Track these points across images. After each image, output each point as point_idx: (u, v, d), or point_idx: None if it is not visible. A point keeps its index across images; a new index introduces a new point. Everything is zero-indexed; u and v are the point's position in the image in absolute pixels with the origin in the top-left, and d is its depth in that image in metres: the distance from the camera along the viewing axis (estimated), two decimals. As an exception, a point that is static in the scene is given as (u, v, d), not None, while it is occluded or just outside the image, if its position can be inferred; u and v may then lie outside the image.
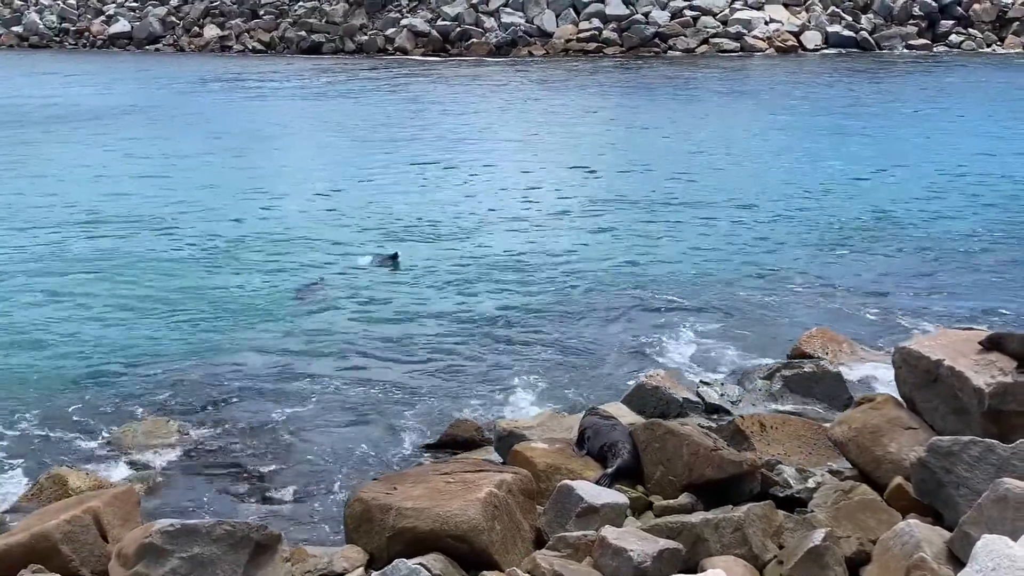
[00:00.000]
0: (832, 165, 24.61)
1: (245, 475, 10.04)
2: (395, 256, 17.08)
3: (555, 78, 43.05)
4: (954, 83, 39.57)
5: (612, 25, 51.18)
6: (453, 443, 10.47)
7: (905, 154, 25.93)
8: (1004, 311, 14.39)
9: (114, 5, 62.34)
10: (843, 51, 49.06)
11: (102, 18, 61.94)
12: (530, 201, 21.46)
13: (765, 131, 29.69)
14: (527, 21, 52.60)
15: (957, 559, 6.45)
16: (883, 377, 11.53)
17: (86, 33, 61.66)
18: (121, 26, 60.64)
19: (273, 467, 10.18)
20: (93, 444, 10.69)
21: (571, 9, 52.20)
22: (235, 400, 11.80)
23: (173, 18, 60.61)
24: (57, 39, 62.06)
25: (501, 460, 9.66)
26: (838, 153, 26.04)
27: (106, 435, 10.86)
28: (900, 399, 9.45)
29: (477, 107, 35.42)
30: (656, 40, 50.36)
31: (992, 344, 8.94)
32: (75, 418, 11.30)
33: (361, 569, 7.59)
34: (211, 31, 59.14)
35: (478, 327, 14.10)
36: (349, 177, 24.52)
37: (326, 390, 12.09)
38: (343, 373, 12.57)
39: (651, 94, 37.61)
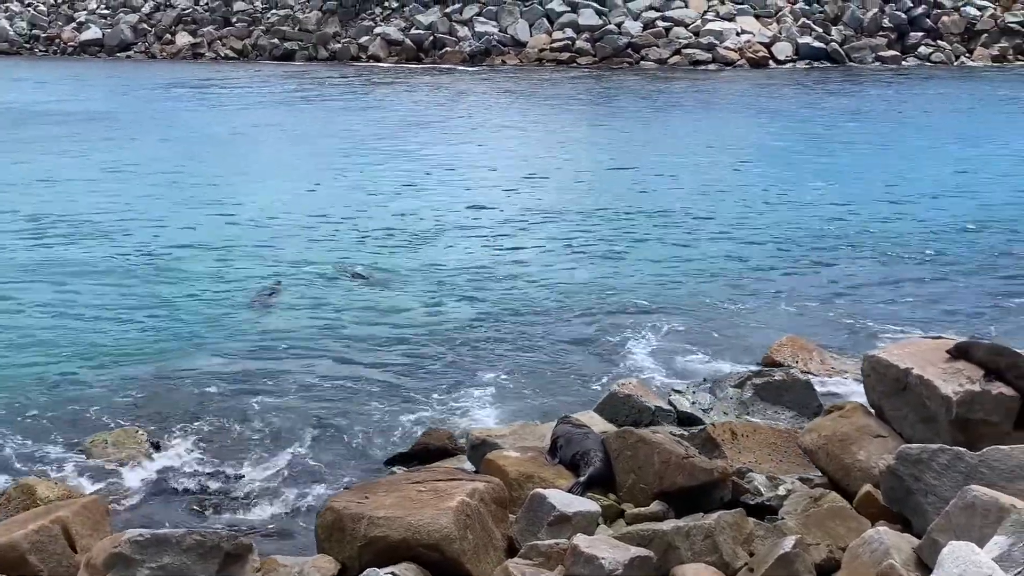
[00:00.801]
0: (799, 177, 24.75)
1: (215, 484, 9.97)
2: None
3: (523, 88, 43.13)
4: (922, 96, 39.94)
5: (585, 35, 51.37)
6: (426, 452, 10.44)
7: (872, 166, 26.15)
8: (972, 320, 14.53)
9: (85, 12, 62.01)
10: (814, 63, 49.41)
11: (73, 25, 61.57)
12: (497, 209, 21.45)
13: (733, 143, 29.84)
14: (500, 30, 52.72)
15: (926, 566, 6.49)
16: (852, 385, 11.62)
17: (57, 40, 61.26)
18: (92, 33, 60.29)
19: (243, 476, 10.13)
20: (62, 454, 10.59)
21: (544, 19, 52.36)
22: (203, 409, 11.72)
23: (145, 25, 60.33)
24: (27, 46, 61.61)
25: (474, 469, 9.65)
26: (805, 165, 26.21)
27: (75, 445, 10.76)
28: (869, 407, 9.52)
29: (445, 115, 35.43)
30: (629, 50, 50.58)
31: (960, 353, 9.03)
32: (43, 428, 11.19)
33: (332, 579, 7.56)
34: (183, 39, 58.91)
35: (447, 336, 14.07)
36: (309, 184, 24.44)
37: (294, 399, 12.04)
38: (311, 382, 12.51)
39: (620, 105, 37.75)
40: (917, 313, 14.90)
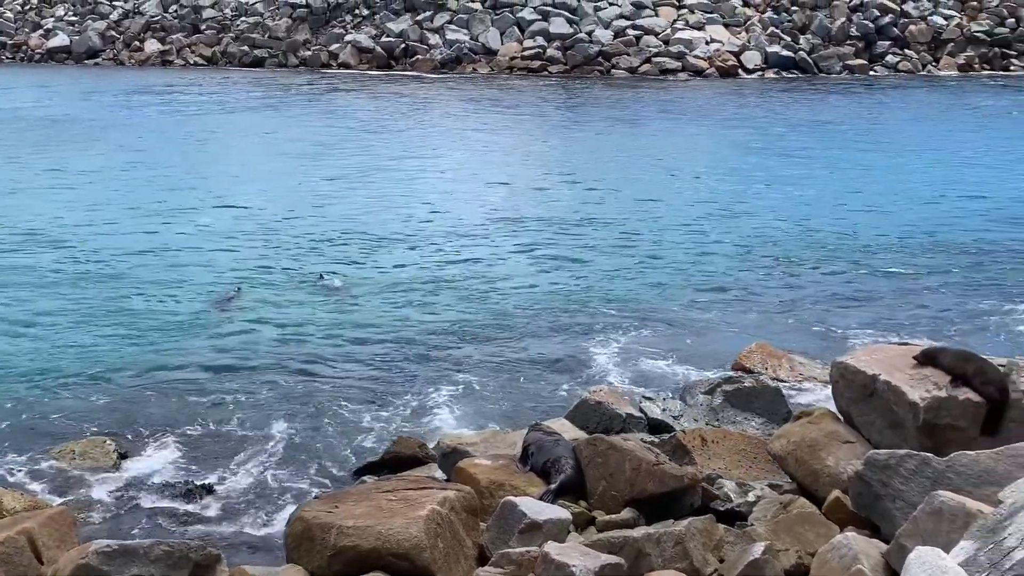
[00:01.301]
0: (765, 185, 24.91)
1: (183, 494, 9.88)
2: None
3: (489, 96, 43.04)
4: (888, 106, 40.28)
5: (556, 43, 51.49)
6: (396, 460, 10.41)
7: (837, 174, 26.34)
8: (939, 326, 14.66)
9: (52, 19, 61.47)
10: (783, 72, 49.73)
11: (40, 32, 61.04)
12: (463, 217, 21.37)
13: (698, 152, 29.97)
14: (472, 38, 52.77)
15: (894, 571, 6.53)
16: (821, 391, 11.69)
17: (24, 47, 60.71)
18: (60, 40, 59.78)
19: (212, 486, 10.04)
20: (28, 464, 10.46)
21: (515, 27, 52.45)
22: (170, 418, 11.62)
23: (113, 32, 59.88)
24: (-6, 53, 61.05)
25: (445, 477, 9.64)
26: (771, 174, 26.34)
27: (41, 455, 10.65)
28: (838, 413, 9.59)
29: (409, 123, 35.31)
30: (599, 59, 50.73)
31: (927, 359, 9.12)
32: (8, 438, 11.06)
33: (302, 589, 7.53)
34: (152, 46, 58.51)
35: (414, 344, 14.03)
36: (272, 190, 24.31)
37: (262, 407, 11.96)
38: (278, 390, 12.44)
39: (587, 114, 37.77)
40: (884, 319, 15.01)
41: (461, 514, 8.15)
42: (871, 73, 50.42)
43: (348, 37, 54.51)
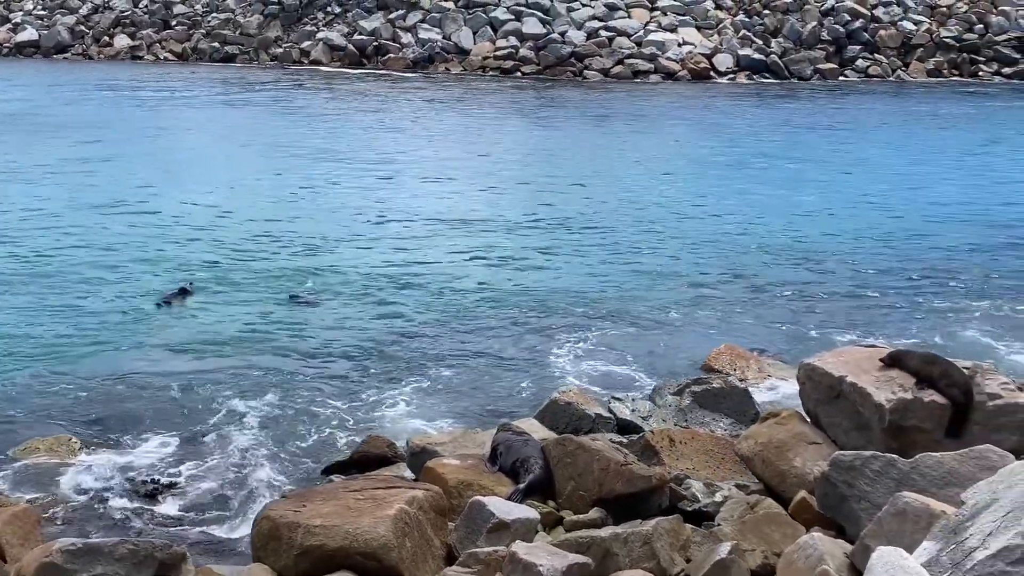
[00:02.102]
0: (733, 189, 24.96)
1: (149, 493, 9.83)
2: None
3: (457, 96, 42.86)
4: (856, 111, 40.52)
5: (529, 43, 51.47)
6: (365, 460, 10.39)
7: (803, 178, 26.46)
8: (905, 328, 14.79)
9: (21, 13, 60.80)
10: (755, 77, 49.97)
11: (8, 26, 60.37)
12: (428, 217, 21.26)
13: (665, 156, 29.88)
14: (444, 37, 52.66)
15: (859, 572, 6.58)
16: (788, 392, 11.76)
17: (-9, 41, 60.05)
18: (28, 34, 59.13)
19: (178, 484, 10.00)
20: (-9, 462, 10.38)
21: (488, 27, 52.39)
22: (135, 417, 11.56)
23: (82, 27, 59.30)
24: (-40, 46, 60.31)
25: (413, 477, 9.62)
26: (738, 178, 26.41)
27: (5, 453, 10.55)
28: (804, 414, 9.65)
29: (375, 123, 35.07)
30: (572, 60, 50.75)
31: (893, 361, 9.19)
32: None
33: (268, 588, 7.49)
34: (121, 41, 57.96)
35: (384, 343, 14.02)
36: (231, 186, 24.17)
37: (228, 405, 11.91)
38: (244, 388, 12.38)
39: (559, 116, 37.75)
40: (851, 321, 15.14)
41: (429, 513, 8.14)
42: (840, 78, 50.75)
43: (320, 35, 54.25)
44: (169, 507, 9.62)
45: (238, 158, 28.25)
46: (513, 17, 52.04)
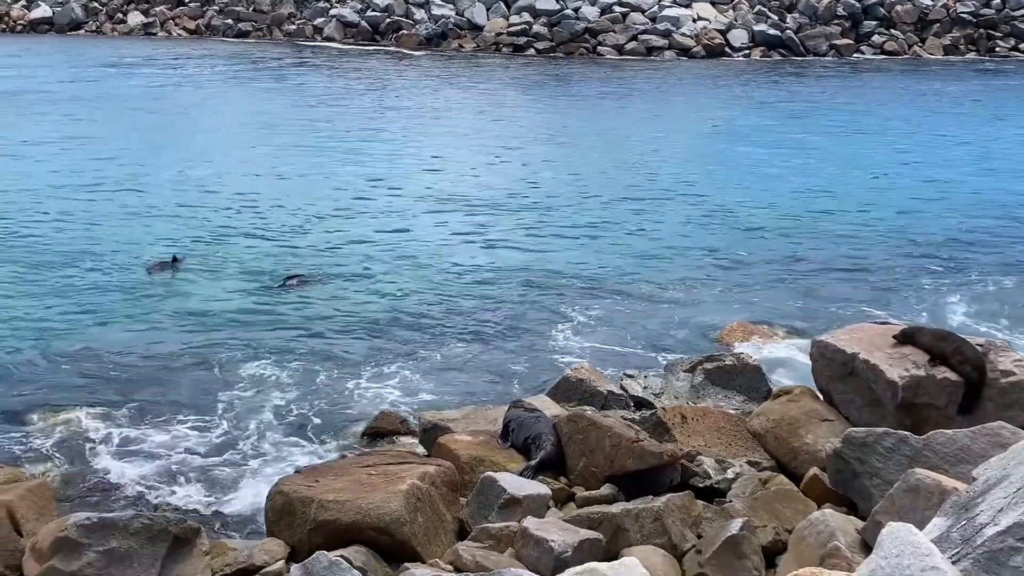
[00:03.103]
0: (748, 167, 24.86)
1: (163, 468, 9.89)
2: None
3: (469, 75, 42.78)
4: (875, 90, 40.24)
5: (542, 19, 51.22)
6: (377, 435, 10.44)
7: (820, 157, 26.31)
8: (917, 305, 14.74)
9: (35, -11, 60.80)
10: (769, 52, 49.63)
11: (22, 3, 60.37)
12: (439, 196, 21.06)
13: (682, 135, 29.79)
14: (457, 13, 52.46)
15: (870, 548, 6.58)
16: (800, 369, 11.74)
17: (5, 18, 60.06)
18: (42, 11, 59.12)
19: (192, 459, 10.06)
20: (7, 436, 10.44)
21: (501, 3, 52.14)
22: (148, 392, 11.61)
23: (96, 3, 59.29)
24: (-26, 23, 60.34)
25: (425, 452, 9.66)
26: (753, 155, 26.28)
27: (21, 427, 10.63)
28: (817, 391, 9.65)
29: (388, 99, 34.86)
30: (586, 35, 50.51)
31: (906, 338, 9.18)
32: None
33: (282, 562, 7.55)
34: (135, 18, 57.93)
35: (394, 320, 13.99)
36: (231, 165, 24.00)
37: (240, 382, 11.95)
38: (256, 365, 12.36)
39: (571, 94, 37.55)
40: (863, 298, 15.09)
41: (441, 489, 8.17)
42: (856, 55, 50.38)
43: (333, 11, 54.11)
44: (183, 482, 9.68)
45: (241, 135, 28.20)
46: (527, -7, 51.77)
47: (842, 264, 16.80)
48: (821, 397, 9.55)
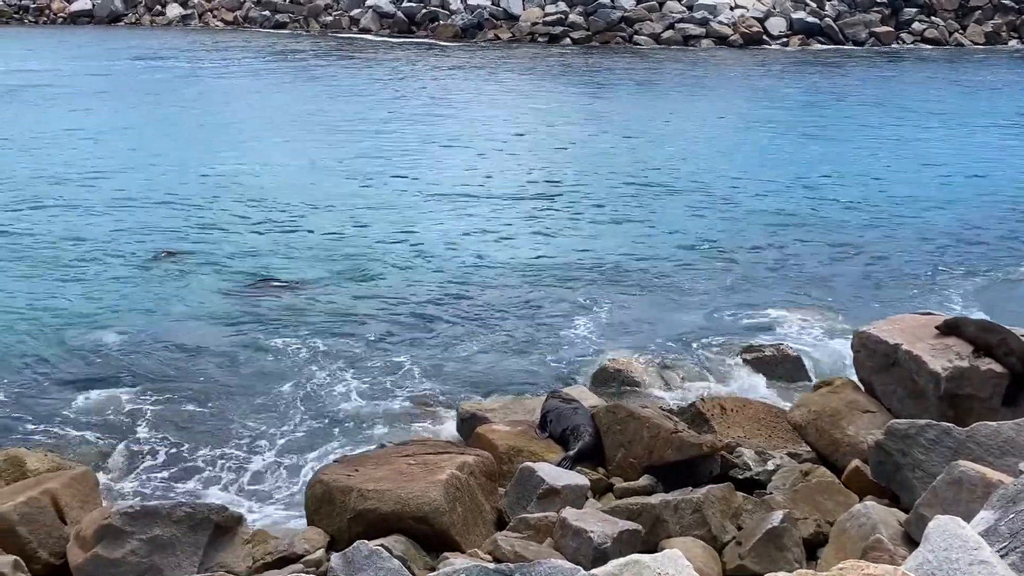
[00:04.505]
0: (786, 156, 24.69)
1: (205, 456, 9.97)
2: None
3: (505, 66, 42.70)
4: (916, 79, 39.79)
5: (578, 8, 51.07)
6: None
7: (861, 146, 26.04)
8: (962, 296, 14.57)
9: (75, -18, 61.35)
10: (808, 40, 49.16)
11: (63, -5, 60.98)
12: (475, 188, 20.95)
13: (718, 124, 29.49)
14: (493, 3, 52.39)
15: (913, 540, 6.52)
16: (842, 359, 11.65)
17: (47, 11, 60.70)
18: (82, 4, 59.75)
19: (233, 448, 10.13)
20: (51, 425, 10.57)
21: (537, -8, 52.03)
22: (187, 378, 11.71)
23: (135, -5, 59.84)
24: (17, 16, 61.03)
25: (464, 442, 9.68)
26: (793, 145, 26.09)
27: (64, 416, 10.75)
28: (858, 383, 9.56)
29: (422, 91, 34.83)
30: (622, 24, 50.30)
31: (949, 329, 9.07)
32: (31, 399, 11.17)
33: (322, 551, 7.59)
34: (173, 10, 58.43)
35: (431, 309, 13.98)
36: (266, 158, 24.03)
37: (278, 367, 12.03)
38: (294, 354, 12.40)
39: (608, 86, 37.37)
40: (906, 287, 14.95)
41: (480, 478, 8.19)
42: (896, 43, 49.80)
43: (369, 2, 54.23)
44: (225, 470, 9.76)
45: (272, 125, 28.23)
46: (563, -18, 51.60)
47: (884, 254, 16.62)
48: (863, 388, 9.46)
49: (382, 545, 7.05)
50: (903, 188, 21.24)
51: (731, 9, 50.61)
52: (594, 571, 4.17)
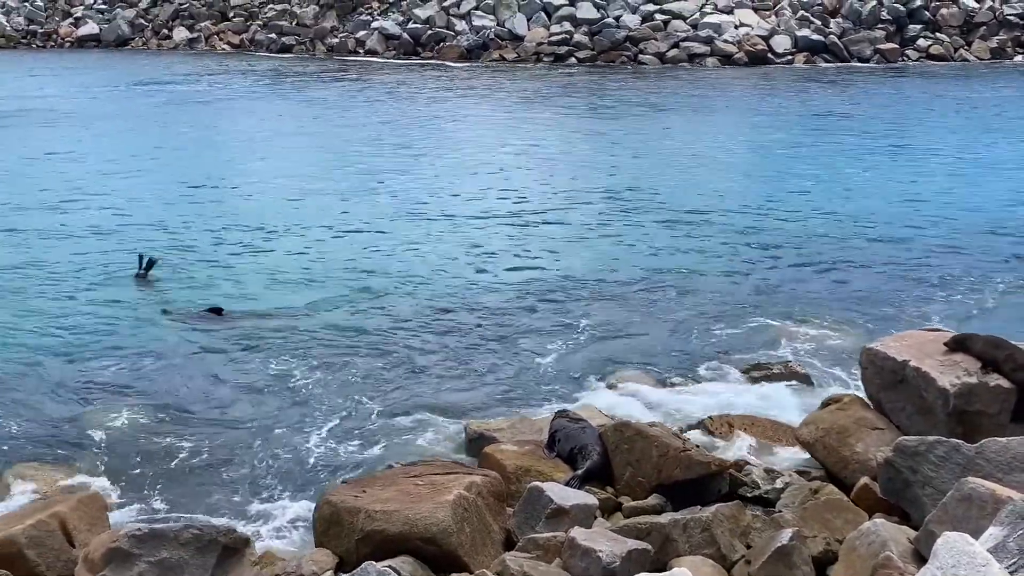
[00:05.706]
0: (793, 173, 24.64)
1: (213, 478, 9.97)
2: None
3: (509, 87, 42.83)
4: (921, 95, 39.78)
5: (583, 28, 51.26)
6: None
7: (866, 164, 25.99)
8: (968, 312, 14.54)
9: (82, 7, 61.81)
10: (813, 57, 49.23)
11: (70, 20, 61.43)
12: (481, 208, 20.91)
13: (722, 143, 29.41)
14: (498, 24, 52.63)
15: (923, 558, 6.49)
16: (849, 378, 11.63)
17: (54, 35, 61.12)
18: (89, 28, 60.19)
19: (241, 469, 10.12)
20: (59, 446, 10.57)
21: (542, 12, 52.25)
22: (195, 397, 11.71)
23: (142, 20, 60.22)
24: (24, 41, 61.45)
25: (472, 462, 9.67)
26: (797, 164, 25.91)
27: (72, 437, 10.76)
28: (867, 400, 9.54)
29: (428, 112, 34.92)
30: (627, 44, 50.45)
31: (957, 345, 9.05)
32: (35, 419, 11.18)
33: (330, 572, 7.59)
34: (180, 33, 58.81)
35: (436, 330, 13.96)
36: (274, 176, 24.31)
37: (282, 388, 12.00)
38: (302, 374, 12.36)
39: (613, 106, 37.42)
40: (912, 304, 14.89)
41: (488, 499, 8.18)
42: (901, 60, 49.84)
43: (375, 24, 54.50)
44: (233, 491, 9.75)
45: (279, 146, 28.45)
46: (567, 2, 51.79)
47: (890, 271, 16.58)
48: (871, 405, 9.44)
49: (390, 566, 7.06)
50: (909, 204, 21.22)
51: (736, 27, 50.74)
52: (602, 591, 4.17)
